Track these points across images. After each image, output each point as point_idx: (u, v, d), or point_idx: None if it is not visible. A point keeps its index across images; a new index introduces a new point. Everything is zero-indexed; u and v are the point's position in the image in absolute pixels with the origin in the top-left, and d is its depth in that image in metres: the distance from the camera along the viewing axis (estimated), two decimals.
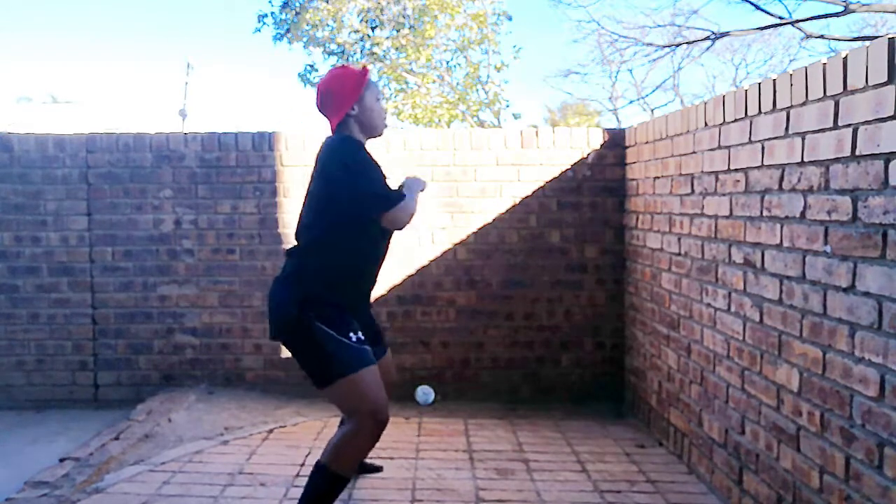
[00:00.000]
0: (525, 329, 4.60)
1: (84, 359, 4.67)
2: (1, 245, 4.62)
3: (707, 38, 13.49)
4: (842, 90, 2.18)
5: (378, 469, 3.29)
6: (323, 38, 17.33)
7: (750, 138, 2.78)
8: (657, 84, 24.63)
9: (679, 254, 3.54)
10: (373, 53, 17.08)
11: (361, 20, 17.22)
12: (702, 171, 3.25)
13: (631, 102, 27.85)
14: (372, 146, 2.76)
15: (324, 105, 2.71)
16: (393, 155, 4.49)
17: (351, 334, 2.55)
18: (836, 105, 2.22)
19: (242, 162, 4.60)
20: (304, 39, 17.56)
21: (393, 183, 2.75)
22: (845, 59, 2.17)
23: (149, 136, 4.63)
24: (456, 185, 4.56)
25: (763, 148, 2.68)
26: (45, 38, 75.77)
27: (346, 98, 2.65)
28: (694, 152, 3.34)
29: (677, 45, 14.32)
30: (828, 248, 2.27)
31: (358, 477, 3.20)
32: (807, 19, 12.10)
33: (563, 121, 27.14)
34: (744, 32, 13.80)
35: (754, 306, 2.77)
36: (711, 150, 3.15)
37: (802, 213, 2.42)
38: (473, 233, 4.58)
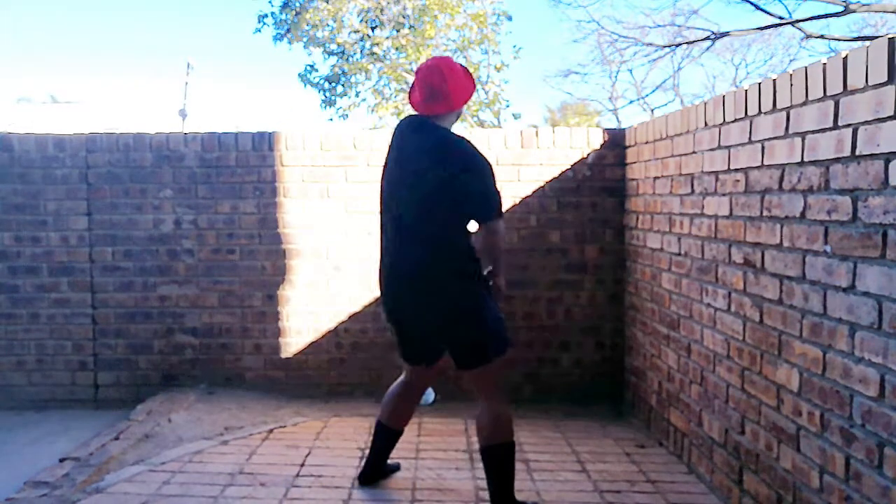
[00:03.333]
0: (525, 329, 4.60)
1: (84, 359, 4.66)
2: (1, 245, 4.62)
3: (707, 38, 13.50)
4: (842, 90, 2.18)
5: (397, 468, 3.30)
6: (323, 38, 17.32)
7: (750, 138, 2.78)
8: (657, 84, 24.74)
9: (679, 254, 3.54)
10: (373, 53, 17.07)
11: (361, 20, 17.21)
12: (702, 171, 3.25)
13: (631, 102, 27.90)
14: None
15: (439, 90, 2.76)
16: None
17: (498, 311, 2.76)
18: (836, 105, 2.22)
19: (242, 162, 4.60)
20: (304, 39, 17.54)
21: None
22: (845, 59, 2.17)
23: (149, 136, 4.63)
24: None
25: (763, 148, 2.68)
26: (45, 38, 75.76)
27: (464, 97, 2.81)
28: (694, 152, 3.34)
29: (677, 45, 14.34)
30: (828, 248, 2.27)
31: (361, 481, 3.20)
32: (807, 19, 12.11)
33: (563, 121, 27.14)
34: (744, 32, 13.81)
35: (754, 306, 2.77)
36: (711, 150, 3.15)
37: (802, 213, 2.42)
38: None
